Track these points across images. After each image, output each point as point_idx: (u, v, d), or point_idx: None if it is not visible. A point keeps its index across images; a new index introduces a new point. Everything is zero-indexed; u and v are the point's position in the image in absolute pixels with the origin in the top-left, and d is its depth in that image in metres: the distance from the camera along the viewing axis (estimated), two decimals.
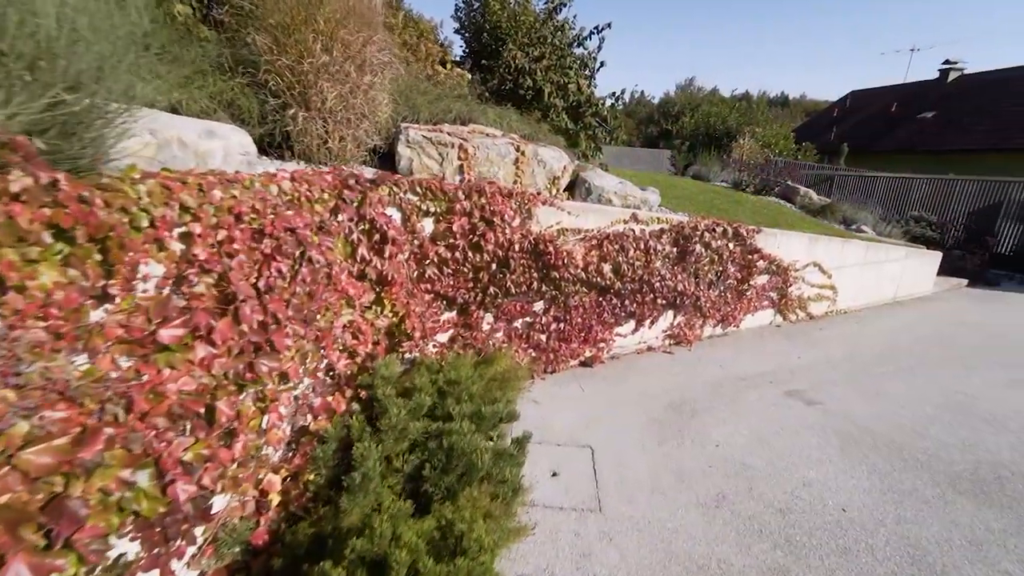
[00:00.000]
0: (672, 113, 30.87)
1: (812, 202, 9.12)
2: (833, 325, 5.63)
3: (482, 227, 3.33)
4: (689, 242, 4.33)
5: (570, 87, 5.45)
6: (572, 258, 3.69)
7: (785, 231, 5.23)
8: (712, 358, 4.52)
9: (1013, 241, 9.15)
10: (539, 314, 3.86)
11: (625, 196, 4.46)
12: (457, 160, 3.68)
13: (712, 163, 11.75)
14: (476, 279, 3.46)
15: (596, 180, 4.38)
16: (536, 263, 3.61)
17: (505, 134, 3.99)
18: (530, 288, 3.65)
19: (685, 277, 4.45)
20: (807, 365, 4.42)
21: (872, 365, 4.45)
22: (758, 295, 5.13)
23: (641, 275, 4.11)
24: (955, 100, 19.45)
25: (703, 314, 4.80)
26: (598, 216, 3.91)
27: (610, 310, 4.13)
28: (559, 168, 4.09)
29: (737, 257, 4.75)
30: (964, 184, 10.10)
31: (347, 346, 2.81)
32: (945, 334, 5.38)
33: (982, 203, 9.57)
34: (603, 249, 3.86)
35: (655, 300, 4.34)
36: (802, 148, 15.48)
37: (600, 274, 3.87)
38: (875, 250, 6.12)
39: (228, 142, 2.29)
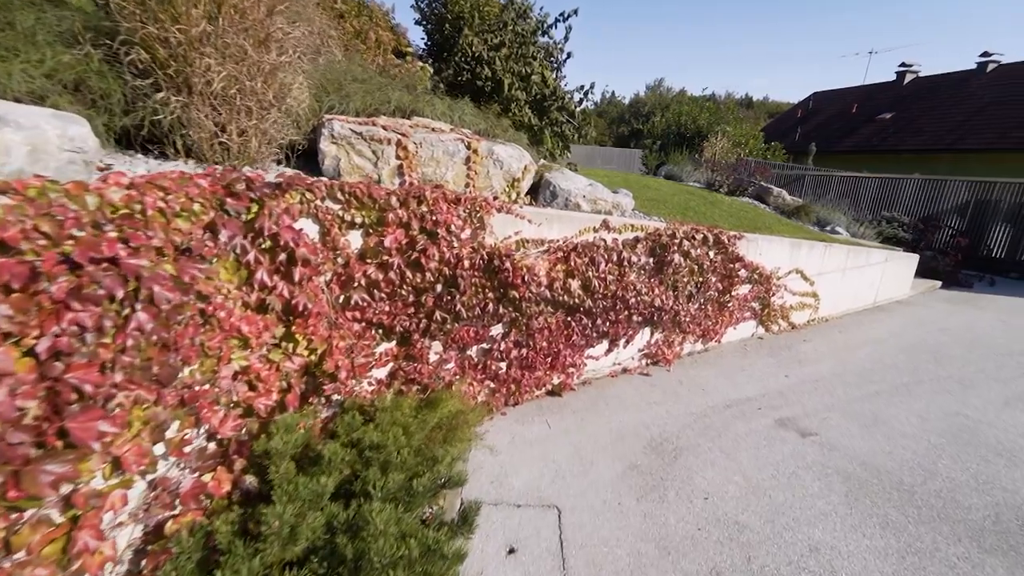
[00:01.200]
0: (643, 113, 30.92)
1: (785, 203, 8.90)
2: (817, 335, 5.29)
3: (423, 241, 2.73)
4: (667, 252, 3.86)
5: (533, 79, 4.90)
6: (534, 274, 3.14)
7: (767, 236, 4.84)
8: (693, 380, 4.06)
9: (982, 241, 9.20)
10: (497, 340, 3.30)
11: (595, 200, 3.94)
12: (395, 159, 3.07)
13: (684, 163, 11.48)
14: (418, 303, 2.86)
15: (562, 182, 3.85)
16: (491, 281, 3.05)
17: (455, 129, 3.40)
18: (485, 311, 3.08)
19: (663, 290, 3.97)
20: (796, 386, 4.02)
21: (864, 384, 4.09)
22: (740, 306, 4.72)
23: (614, 290, 3.60)
24: (911, 101, 20.04)
25: (683, 330, 4.35)
26: (564, 224, 3.38)
27: (580, 331, 3.61)
28: (519, 168, 3.54)
29: (718, 266, 4.31)
30: (934, 184, 10.13)
31: (240, 400, 2.17)
32: (930, 344, 5.11)
33: (951, 203, 9.61)
34: (570, 262, 3.33)
35: (630, 317, 3.85)
36: (771, 148, 15.49)
37: (567, 291, 3.33)
38: (856, 255, 5.84)
39: (38, 134, 1.62)
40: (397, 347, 2.95)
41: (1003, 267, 8.87)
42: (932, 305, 6.69)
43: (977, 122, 16.73)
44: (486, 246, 2.98)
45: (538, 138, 4.86)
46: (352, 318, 2.68)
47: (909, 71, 21.66)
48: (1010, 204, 8.83)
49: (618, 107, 39.44)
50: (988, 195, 9.22)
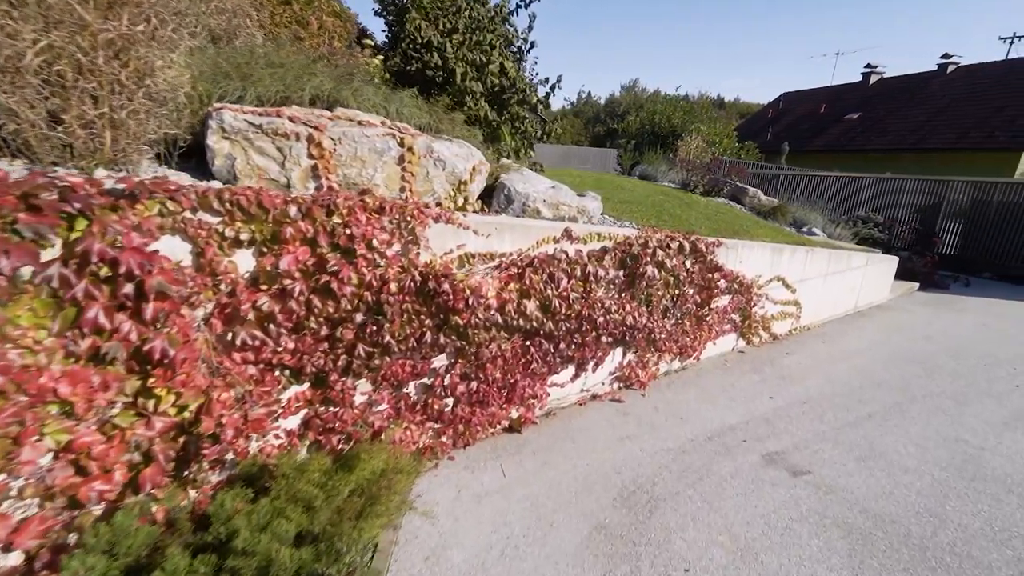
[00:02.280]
0: (618, 113, 30.83)
1: (761, 204, 8.64)
2: (799, 346, 4.94)
3: (335, 260, 2.19)
4: (638, 263, 3.40)
5: (490, 68, 4.39)
6: (480, 296, 2.62)
7: (746, 242, 4.45)
8: (671, 406, 3.62)
9: (955, 241, 9.17)
10: (440, 373, 2.77)
11: (557, 205, 3.46)
12: (308, 159, 2.51)
13: (659, 162, 11.16)
14: (334, 337, 2.31)
15: (519, 185, 3.35)
16: (427, 306, 2.52)
17: (388, 123, 2.86)
18: (421, 341, 2.55)
19: (635, 307, 3.52)
20: (782, 410, 3.62)
21: (854, 404, 3.73)
22: (719, 320, 4.32)
23: (579, 310, 3.12)
24: (877, 102, 20.41)
25: (658, 348, 3.90)
26: (519, 234, 2.88)
27: (540, 357, 3.11)
28: (465, 169, 3.02)
29: (696, 277, 3.89)
30: (907, 184, 10.07)
31: (58, 489, 1.59)
32: (916, 354, 4.82)
33: (924, 202, 9.55)
34: (525, 280, 2.82)
35: (599, 338, 3.38)
36: (745, 147, 15.40)
37: (522, 315, 2.83)
38: (837, 259, 5.54)
39: None
40: (311, 390, 2.40)
41: (976, 267, 8.84)
42: (912, 310, 6.48)
43: (939, 122, 17.09)
44: (420, 264, 2.45)
45: (494, 134, 4.36)
46: (243, 360, 2.11)
47: (874, 72, 22.09)
48: (980, 203, 8.81)
49: (594, 107, 39.35)
50: (959, 194, 9.19)
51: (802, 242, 5.60)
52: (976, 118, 16.06)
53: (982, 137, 15.26)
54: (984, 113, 16.08)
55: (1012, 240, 8.48)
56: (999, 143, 14.68)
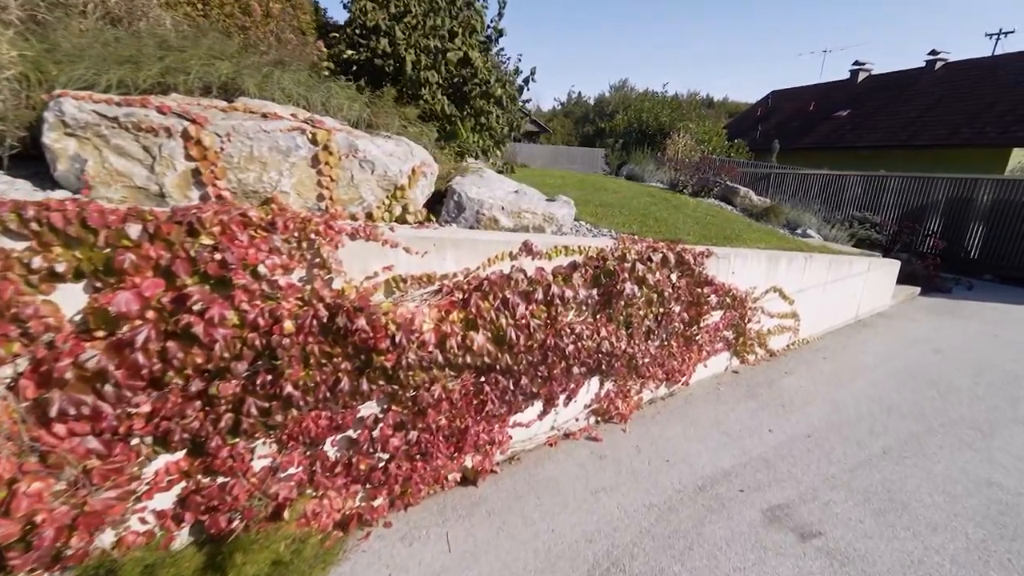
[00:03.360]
0: (607, 112, 30.47)
1: (753, 204, 8.21)
2: (799, 364, 4.47)
3: (200, 295, 1.65)
4: (615, 280, 2.89)
5: (449, 57, 3.86)
6: (413, 331, 2.09)
7: (739, 250, 3.97)
8: (656, 445, 3.11)
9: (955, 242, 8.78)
10: (368, 424, 2.24)
11: (519, 213, 2.94)
12: (185, 160, 1.97)
13: (646, 162, 10.73)
14: (208, 393, 1.77)
15: (472, 190, 2.83)
16: (343, 346, 1.98)
17: (303, 116, 2.32)
18: (336, 389, 2.02)
19: (612, 330, 3.01)
20: (784, 447, 3.13)
21: (866, 438, 3.25)
22: (710, 338, 3.83)
23: (543, 339, 2.60)
24: (865, 99, 20.20)
25: (641, 375, 3.40)
26: (466, 251, 2.35)
27: (497, 396, 2.59)
28: (402, 172, 2.49)
29: (683, 293, 3.39)
30: (905, 182, 9.68)
31: None
32: (930, 371, 4.37)
33: (923, 201, 9.17)
34: (472, 308, 2.30)
35: (569, 369, 2.86)
36: (734, 145, 15.02)
37: (469, 350, 2.31)
38: (838, 266, 5.08)
39: None
40: (188, 460, 1.86)
41: (976, 268, 8.47)
42: (916, 317, 6.05)
43: (929, 119, 16.87)
44: (327, 295, 1.91)
45: (452, 131, 3.83)
46: (70, 432, 1.57)
47: (862, 69, 21.90)
48: (983, 202, 8.44)
49: (584, 107, 39.04)
50: (960, 192, 8.81)
51: (799, 247, 5.13)
52: (966, 114, 15.86)
53: (972, 133, 15.04)
54: (974, 109, 15.88)
55: (1015, 241, 8.11)
56: (989, 139, 14.46)
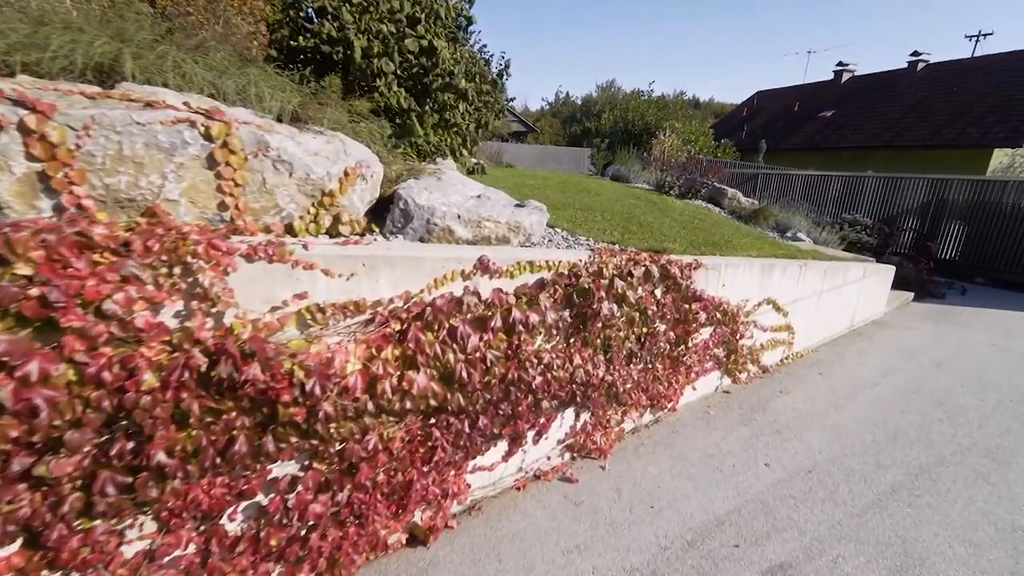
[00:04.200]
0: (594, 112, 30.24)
1: (741, 206, 7.92)
2: (794, 381, 4.13)
3: (5, 347, 1.20)
4: (591, 299, 2.49)
5: (406, 44, 3.43)
6: (331, 376, 1.66)
7: (731, 260, 3.61)
8: (638, 487, 2.73)
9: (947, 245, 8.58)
10: (282, 487, 1.81)
11: (479, 222, 2.53)
12: (26, 160, 1.52)
13: (632, 162, 10.39)
14: (36, 475, 1.33)
15: (422, 196, 2.40)
16: (234, 400, 1.55)
17: (195, 105, 1.87)
18: (230, 453, 1.59)
19: (588, 356, 2.61)
20: (783, 485, 2.77)
21: (872, 472, 2.90)
22: (699, 358, 3.46)
23: (504, 372, 2.19)
24: (849, 100, 20.23)
25: (621, 403, 3.01)
26: (405, 270, 1.93)
27: (450, 441, 2.18)
28: (330, 175, 2.06)
29: (669, 310, 3.01)
30: (893, 183, 9.47)
31: None
32: (931, 389, 4.06)
33: (915, 203, 8.95)
34: (411, 342, 1.87)
35: (538, 404, 2.46)
36: (721, 145, 14.80)
37: (408, 393, 1.88)
38: (833, 274, 4.77)
39: None
40: (23, 554, 1.41)
41: (967, 272, 8.28)
42: (912, 325, 5.78)
43: (912, 120, 16.90)
44: (207, 336, 1.48)
45: (408, 128, 3.39)
46: None
47: (846, 70, 21.96)
48: (973, 203, 8.24)
49: (571, 107, 38.86)
50: (947, 193, 8.63)
51: (792, 254, 4.80)
52: (948, 115, 15.91)
53: (954, 134, 15.07)
54: (956, 110, 15.93)
55: (1009, 244, 7.93)
56: (971, 140, 14.49)
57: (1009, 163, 13.65)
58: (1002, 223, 8.04)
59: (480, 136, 4.41)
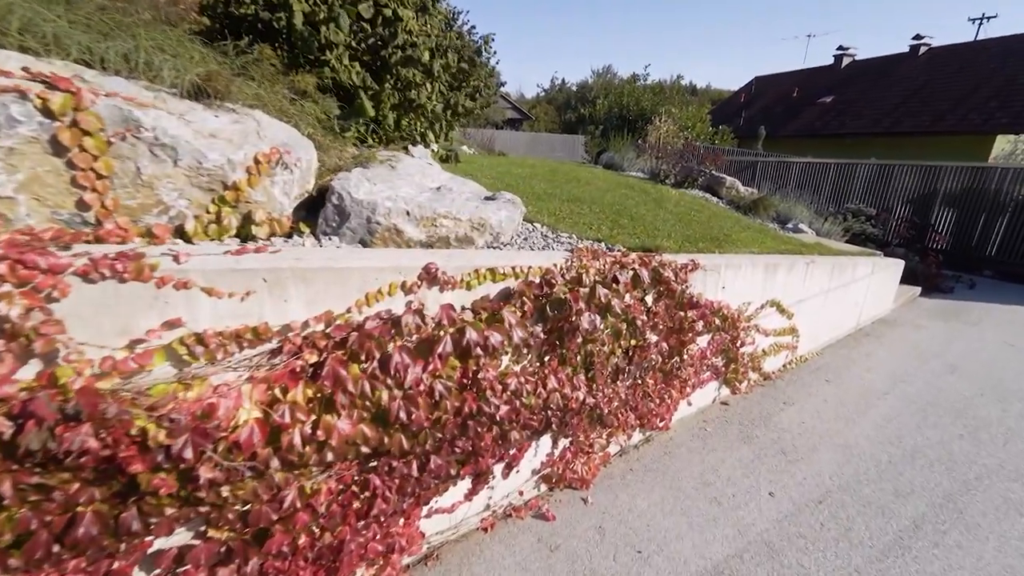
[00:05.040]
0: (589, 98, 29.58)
1: (740, 195, 7.52)
2: (799, 390, 3.78)
3: None
4: (568, 312, 2.09)
5: (360, 9, 2.96)
6: (210, 431, 1.26)
7: (732, 258, 3.21)
8: (625, 524, 2.36)
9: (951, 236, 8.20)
10: (166, 563, 1.41)
11: (434, 220, 2.11)
12: None
13: (626, 149, 9.93)
14: None
15: (360, 189, 1.98)
16: (66, 471, 1.14)
17: (36, 69, 1.43)
18: (73, 532, 1.19)
19: (566, 377, 2.23)
20: (791, 520, 2.42)
21: (891, 504, 2.55)
22: (696, 369, 3.08)
23: (459, 405, 1.80)
24: (849, 85, 19.73)
25: (606, 424, 2.64)
26: (326, 287, 1.52)
27: (394, 488, 1.79)
28: (234, 163, 1.63)
29: (662, 319, 2.62)
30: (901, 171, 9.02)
31: None
32: (949, 399, 3.71)
33: (919, 191, 8.54)
34: (327, 380, 1.47)
35: (504, 436, 2.07)
36: (719, 132, 14.32)
37: (326, 445, 1.49)
38: (841, 271, 4.39)
39: None
40: None
41: (975, 264, 7.91)
42: (921, 324, 5.43)
43: (913, 105, 16.46)
44: (11, 391, 1.07)
45: (359, 107, 2.93)
46: None
47: (846, 55, 21.42)
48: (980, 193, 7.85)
49: (566, 93, 38.10)
50: (956, 183, 8.22)
51: (797, 249, 4.42)
52: (950, 100, 15.48)
53: (956, 120, 14.66)
54: (958, 95, 15.50)
55: (1017, 236, 7.57)
56: (973, 126, 14.08)
57: (1012, 150, 13.26)
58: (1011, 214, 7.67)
59: (453, 119, 3.95)
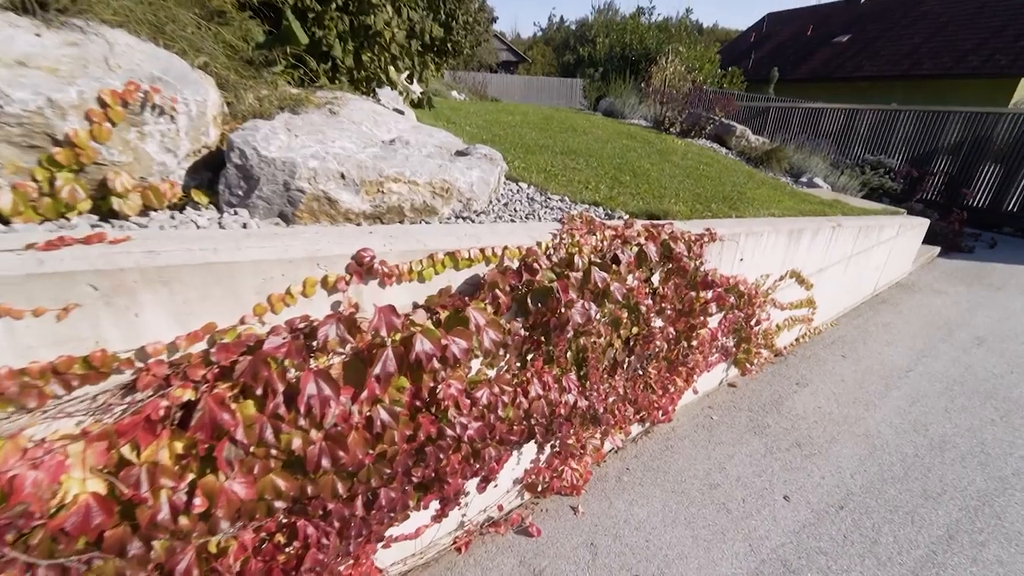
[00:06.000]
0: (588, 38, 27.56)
1: (751, 145, 6.90)
2: (812, 368, 3.43)
3: None
4: (554, 304, 1.65)
5: None
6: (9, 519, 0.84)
7: (752, 223, 2.73)
8: (620, 540, 2.05)
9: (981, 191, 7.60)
10: None
11: (381, 184, 1.61)
12: None
13: (627, 94, 9.08)
14: None
15: (272, 145, 1.46)
16: None
17: None
18: None
19: (553, 379, 1.82)
20: (809, 531, 2.12)
21: (920, 507, 2.26)
22: (704, 354, 2.69)
23: (411, 432, 1.40)
24: (868, 22, 18.27)
25: (600, 423, 2.28)
26: (197, 289, 1.05)
27: (333, 532, 1.42)
28: (56, 106, 1.11)
29: (670, 301, 2.19)
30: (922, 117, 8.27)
31: None
32: (977, 376, 3.38)
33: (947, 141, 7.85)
34: (203, 429, 1.03)
35: (476, 454, 1.70)
36: (728, 74, 13.26)
37: (209, 514, 1.08)
38: (867, 234, 3.92)
39: None
40: None
41: (995, 220, 7.42)
42: (942, 288, 5.04)
43: (935, 45, 15.27)
44: None
45: (286, 33, 2.32)
46: None
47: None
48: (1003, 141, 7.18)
49: (565, 32, 35.53)
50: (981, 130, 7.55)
51: (820, 210, 3.92)
52: (974, 40, 14.33)
53: (980, 61, 13.62)
54: (983, 34, 14.33)
55: None
56: (1000, 68, 13.07)
57: None
58: None
59: (425, 54, 3.28)
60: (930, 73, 14.37)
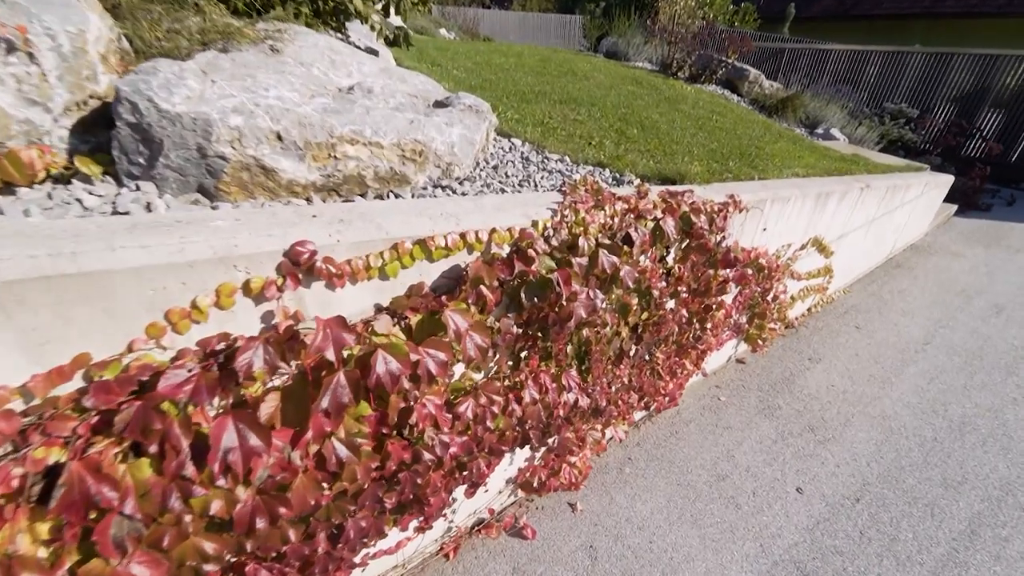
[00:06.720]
0: None
1: (764, 92, 6.36)
2: (825, 341, 3.23)
3: None
4: (555, 295, 1.35)
5: None
6: None
7: (777, 186, 2.39)
8: (621, 541, 1.89)
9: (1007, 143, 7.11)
10: None
11: (332, 147, 1.25)
12: None
13: (632, 33, 8.28)
14: None
15: (177, 94, 1.09)
16: None
17: None
18: None
19: (550, 379, 1.56)
20: (824, 528, 1.97)
21: (942, 500, 2.11)
22: (716, 333, 2.45)
23: (379, 463, 1.15)
24: None
25: (602, 415, 2.06)
26: (53, 305, 0.74)
27: (293, 569, 1.21)
28: None
29: (685, 282, 1.91)
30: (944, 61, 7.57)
31: None
32: (997, 349, 3.20)
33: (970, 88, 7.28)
34: (66, 505, 0.76)
35: (461, 466, 1.47)
36: (740, 11, 12.21)
37: None
38: (892, 195, 3.58)
39: None
40: None
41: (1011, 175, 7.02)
42: (958, 251, 4.78)
43: None
44: None
45: None
46: None
47: None
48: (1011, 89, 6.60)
49: None
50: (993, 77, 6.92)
51: (843, 167, 3.55)
52: None
53: None
54: None
55: None
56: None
57: None
58: None
59: None
60: (954, 11, 13.35)
